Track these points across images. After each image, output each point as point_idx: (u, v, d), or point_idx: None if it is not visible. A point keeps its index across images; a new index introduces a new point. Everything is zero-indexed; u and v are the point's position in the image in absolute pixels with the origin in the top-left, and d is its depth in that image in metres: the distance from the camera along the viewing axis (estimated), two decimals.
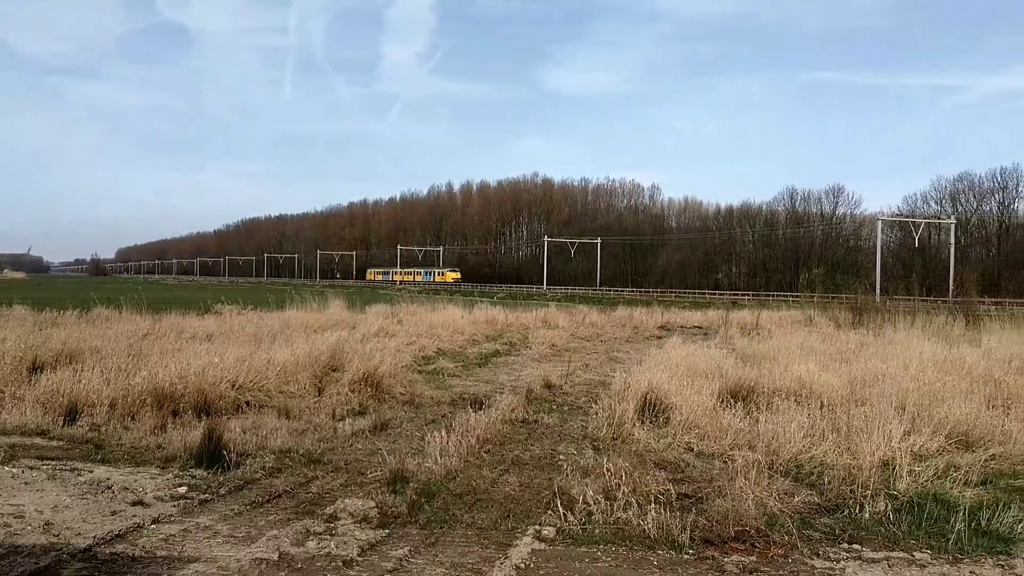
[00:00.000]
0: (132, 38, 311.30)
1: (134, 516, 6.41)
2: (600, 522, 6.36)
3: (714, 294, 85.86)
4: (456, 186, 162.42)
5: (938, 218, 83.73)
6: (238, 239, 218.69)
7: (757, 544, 5.98)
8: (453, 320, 27.44)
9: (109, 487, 7.24)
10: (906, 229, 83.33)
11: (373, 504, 6.69)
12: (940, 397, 10.74)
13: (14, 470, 7.76)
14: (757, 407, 10.73)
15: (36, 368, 12.57)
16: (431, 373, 15.95)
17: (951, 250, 74.31)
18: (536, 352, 21.36)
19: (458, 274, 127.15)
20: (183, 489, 7.20)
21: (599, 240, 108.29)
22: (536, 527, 6.32)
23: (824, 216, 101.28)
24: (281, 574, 5.30)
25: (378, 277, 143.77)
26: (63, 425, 9.70)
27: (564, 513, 6.48)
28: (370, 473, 7.82)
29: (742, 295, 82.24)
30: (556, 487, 7.14)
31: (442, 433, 8.70)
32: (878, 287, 56.13)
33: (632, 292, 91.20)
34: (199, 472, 7.79)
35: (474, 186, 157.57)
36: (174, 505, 6.77)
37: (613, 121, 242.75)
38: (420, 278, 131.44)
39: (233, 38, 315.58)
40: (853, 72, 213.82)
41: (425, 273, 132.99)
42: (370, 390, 12.41)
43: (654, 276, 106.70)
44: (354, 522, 6.35)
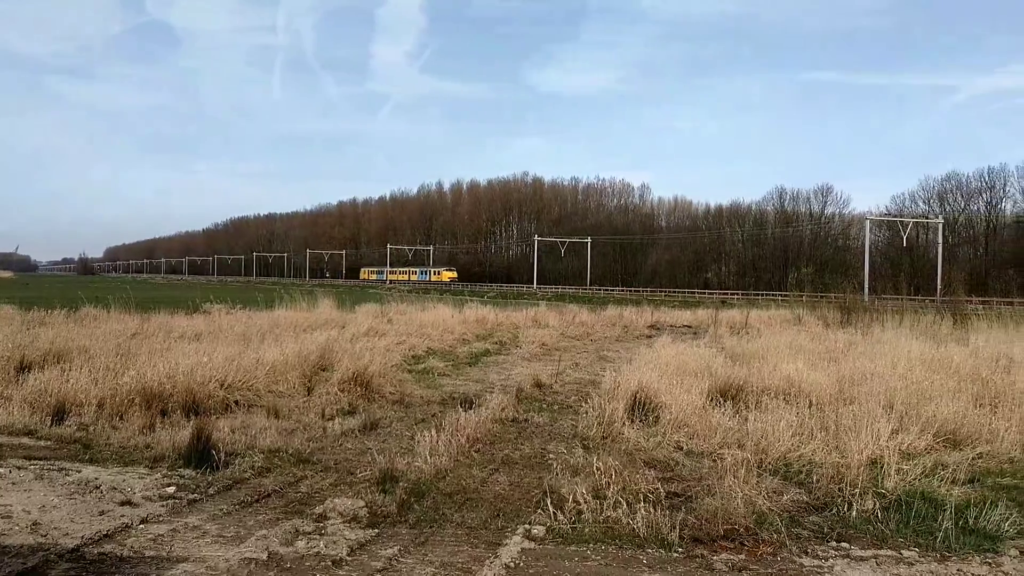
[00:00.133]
0: (120, 38, 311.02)
1: (122, 516, 6.38)
2: (590, 521, 6.37)
3: (703, 293, 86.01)
4: (446, 185, 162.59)
5: (926, 218, 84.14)
6: (227, 238, 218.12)
7: (746, 542, 5.99)
8: (443, 319, 27.40)
9: (97, 487, 7.20)
10: (894, 229, 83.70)
11: (363, 504, 6.68)
12: (928, 396, 10.78)
13: (1, 470, 7.72)
14: (746, 406, 10.76)
15: (23, 368, 12.52)
16: (421, 372, 15.93)
17: (939, 249, 74.69)
18: (526, 351, 21.36)
19: (454, 273, 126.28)
20: (171, 489, 7.17)
21: (589, 239, 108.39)
22: (526, 526, 6.33)
23: (813, 216, 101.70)
24: (270, 574, 5.28)
25: (372, 276, 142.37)
26: (51, 425, 9.65)
27: (554, 512, 6.49)
28: (360, 473, 7.81)
29: (731, 294, 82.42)
30: (546, 486, 7.15)
31: (432, 432, 8.69)
32: (866, 286, 56.33)
33: (622, 291, 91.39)
34: (188, 472, 7.76)
35: (464, 185, 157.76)
36: (162, 505, 6.74)
37: (603, 121, 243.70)
38: (416, 277, 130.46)
39: (221, 37, 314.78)
40: (841, 72, 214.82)
41: (421, 272, 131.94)
42: (360, 389, 12.38)
43: (644, 275, 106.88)
44: (343, 522, 6.34)
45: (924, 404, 10.24)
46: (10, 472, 7.67)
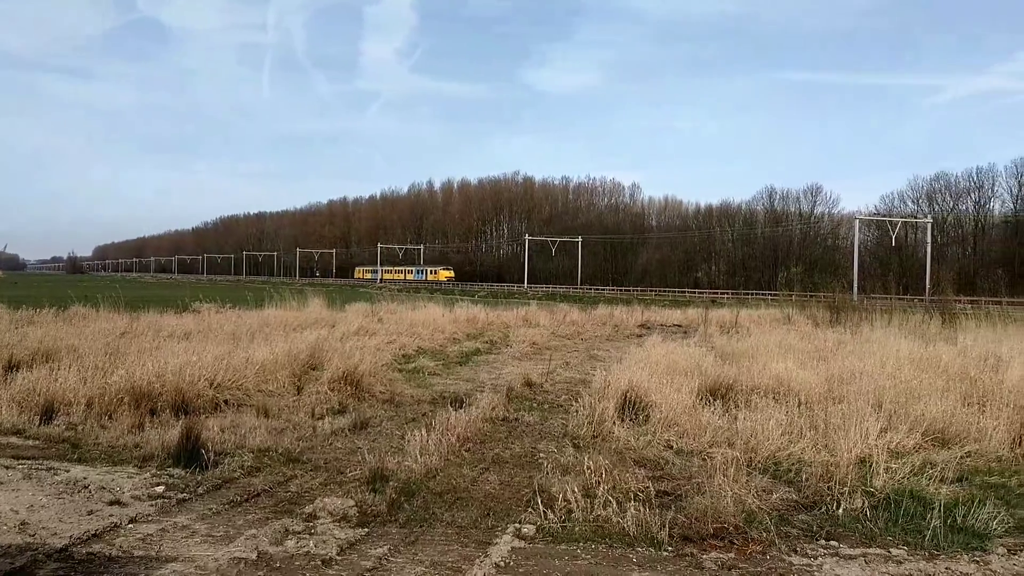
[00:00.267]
0: (108, 35, 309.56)
1: (111, 516, 6.35)
2: (580, 520, 6.37)
3: (694, 292, 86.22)
4: (437, 184, 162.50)
5: (915, 217, 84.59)
6: (216, 237, 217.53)
7: (736, 541, 6.01)
8: (434, 319, 27.37)
9: (86, 486, 7.17)
10: (883, 228, 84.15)
11: (352, 503, 6.67)
12: (916, 395, 10.82)
13: None
14: (736, 405, 10.78)
15: (12, 367, 12.47)
16: (411, 372, 15.91)
17: (927, 249, 75.08)
18: (517, 350, 21.36)
19: (451, 272, 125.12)
20: (161, 488, 7.15)
21: (580, 239, 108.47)
22: (516, 525, 6.33)
23: (802, 215, 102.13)
24: (260, 573, 5.27)
25: (367, 275, 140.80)
26: (39, 424, 9.61)
27: (544, 511, 6.49)
28: (349, 472, 7.80)
29: (721, 293, 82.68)
30: (536, 485, 7.15)
31: (422, 432, 8.68)
32: (856, 285, 56.48)
33: (613, 290, 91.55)
34: (177, 471, 7.73)
35: (455, 184, 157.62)
36: (152, 504, 6.72)
37: (593, 121, 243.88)
38: (412, 276, 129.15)
39: (211, 35, 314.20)
40: (830, 72, 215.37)
41: (417, 271, 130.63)
42: (350, 389, 12.36)
43: (634, 274, 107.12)
44: (333, 521, 6.32)
45: (913, 403, 10.27)
46: None
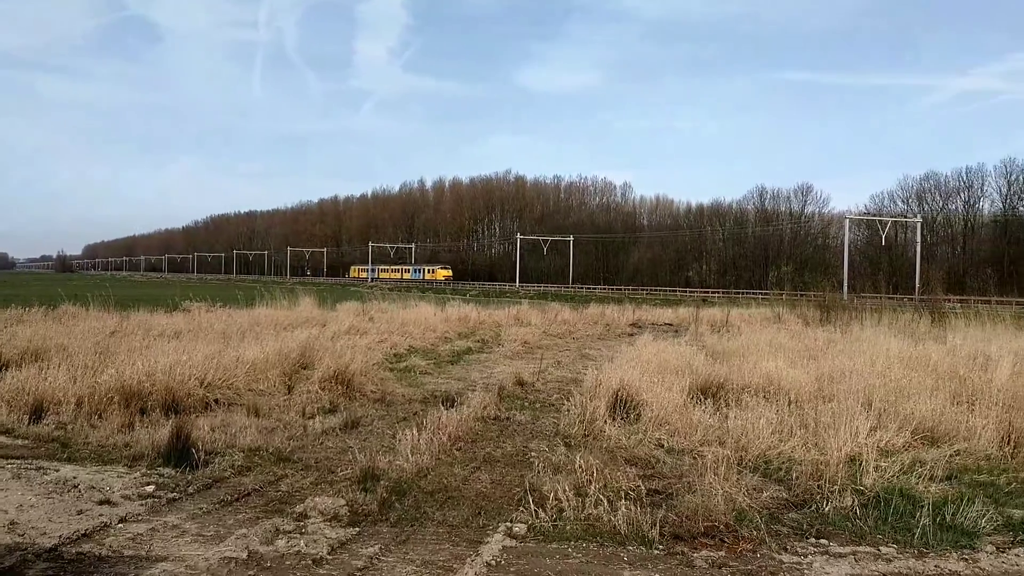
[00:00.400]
0: (97, 33, 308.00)
1: (101, 515, 6.33)
2: (571, 519, 6.38)
3: (685, 292, 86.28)
4: (428, 183, 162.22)
5: (905, 217, 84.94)
6: (207, 236, 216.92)
7: (726, 539, 6.02)
8: (425, 317, 27.31)
9: (75, 486, 7.14)
10: (873, 227, 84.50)
11: (343, 502, 6.66)
12: (906, 393, 10.86)
13: None
14: (726, 403, 10.80)
15: (1, 366, 12.42)
16: (403, 371, 15.90)
17: (917, 248, 75.40)
18: (508, 349, 21.36)
19: (449, 271, 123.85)
20: (151, 488, 7.12)
21: (571, 238, 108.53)
22: (508, 524, 6.33)
23: (793, 214, 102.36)
24: (250, 573, 5.26)
25: (363, 274, 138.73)
26: (28, 423, 9.56)
27: (535, 510, 6.49)
28: (340, 471, 7.79)
29: (712, 292, 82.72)
30: (528, 484, 7.15)
31: (413, 431, 8.68)
32: (846, 285, 56.75)
33: (604, 289, 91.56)
34: (167, 471, 7.71)
35: (447, 183, 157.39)
36: (142, 504, 6.70)
37: (585, 120, 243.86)
38: (409, 275, 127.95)
39: (202, 33, 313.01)
40: (820, 73, 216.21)
41: (414, 270, 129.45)
42: (341, 388, 12.34)
43: (626, 273, 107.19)
44: (324, 520, 6.31)
45: (902, 402, 10.31)
46: None
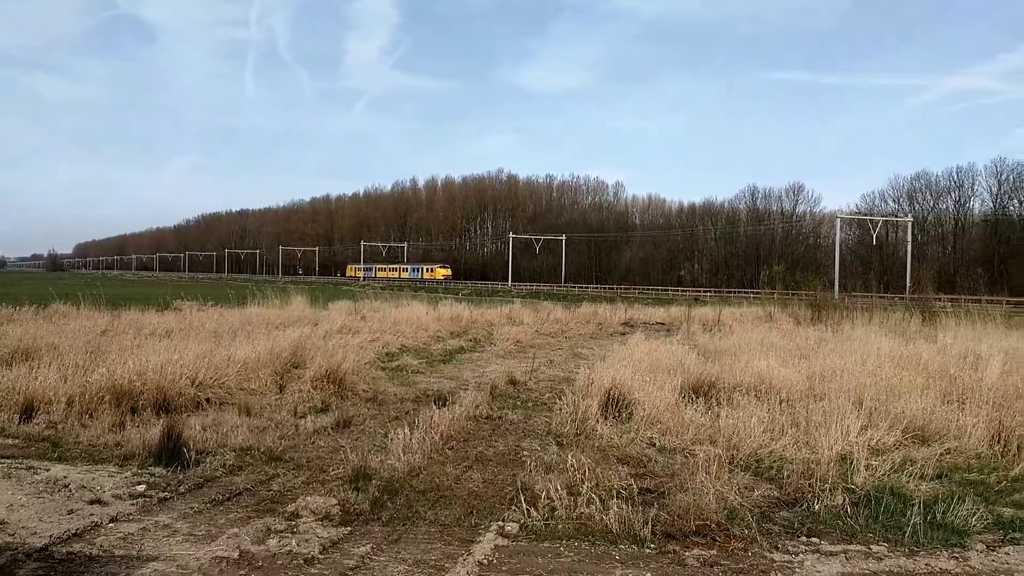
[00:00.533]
0: (90, 31, 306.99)
1: (91, 515, 6.31)
2: (563, 517, 6.38)
3: (677, 291, 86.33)
4: (421, 182, 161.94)
5: (896, 216, 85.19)
6: (198, 234, 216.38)
7: (717, 538, 6.04)
8: (417, 316, 27.30)
9: (66, 485, 7.12)
10: (864, 227, 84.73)
11: (335, 502, 6.66)
12: (897, 392, 10.90)
13: None
14: (718, 402, 10.82)
15: None
16: (395, 370, 15.88)
17: (908, 247, 75.57)
18: (501, 349, 21.35)
19: (448, 270, 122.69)
20: (142, 487, 7.10)
21: (564, 237, 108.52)
22: (499, 523, 6.33)
23: (784, 214, 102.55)
24: (241, 572, 5.25)
25: (360, 273, 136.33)
26: (19, 423, 9.53)
27: (527, 509, 6.50)
28: (332, 470, 7.78)
29: (704, 292, 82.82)
30: (520, 483, 7.16)
31: (405, 430, 8.68)
32: (837, 284, 56.93)
33: (596, 288, 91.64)
34: (158, 470, 7.69)
35: (439, 182, 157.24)
36: (133, 503, 6.68)
37: (577, 119, 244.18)
38: (407, 274, 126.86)
39: (193, 31, 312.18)
40: (813, 72, 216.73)
41: (412, 269, 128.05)
42: (333, 387, 12.32)
43: (618, 273, 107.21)
44: (316, 520, 6.31)
45: (893, 400, 10.35)
46: None
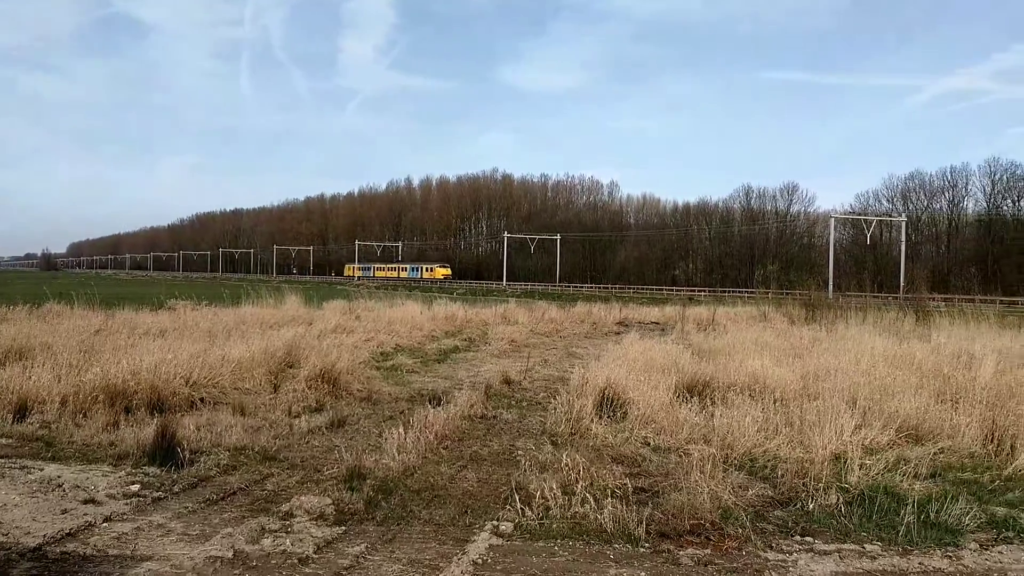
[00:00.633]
0: (84, 30, 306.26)
1: (85, 514, 6.30)
2: (558, 517, 6.39)
3: (671, 290, 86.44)
4: (416, 181, 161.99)
5: (890, 216, 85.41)
6: (192, 234, 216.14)
7: (712, 537, 6.05)
8: (412, 316, 27.24)
9: (60, 485, 7.10)
10: (858, 227, 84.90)
11: (329, 501, 6.65)
12: (890, 392, 10.91)
13: None
14: (712, 402, 10.81)
15: None
16: (389, 369, 15.87)
17: (902, 247, 75.77)
18: (495, 348, 21.34)
19: (448, 270, 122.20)
20: (136, 487, 7.09)
21: (559, 236, 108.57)
22: (494, 523, 6.34)
23: (779, 213, 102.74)
24: (236, 572, 5.25)
25: (358, 272, 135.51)
26: (12, 422, 9.50)
27: (522, 508, 6.50)
28: (327, 470, 7.78)
29: (699, 291, 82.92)
30: (514, 482, 7.16)
31: (400, 429, 8.68)
32: (831, 283, 57.07)
33: (591, 288, 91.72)
34: (152, 470, 7.68)
35: (433, 181, 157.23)
36: (127, 503, 6.67)
37: (572, 118, 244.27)
38: (405, 274, 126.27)
39: (188, 30, 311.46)
40: (807, 72, 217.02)
41: (411, 269, 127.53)
42: (327, 387, 12.30)
43: (613, 272, 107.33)
44: (310, 519, 6.30)
45: (887, 400, 10.37)
46: None
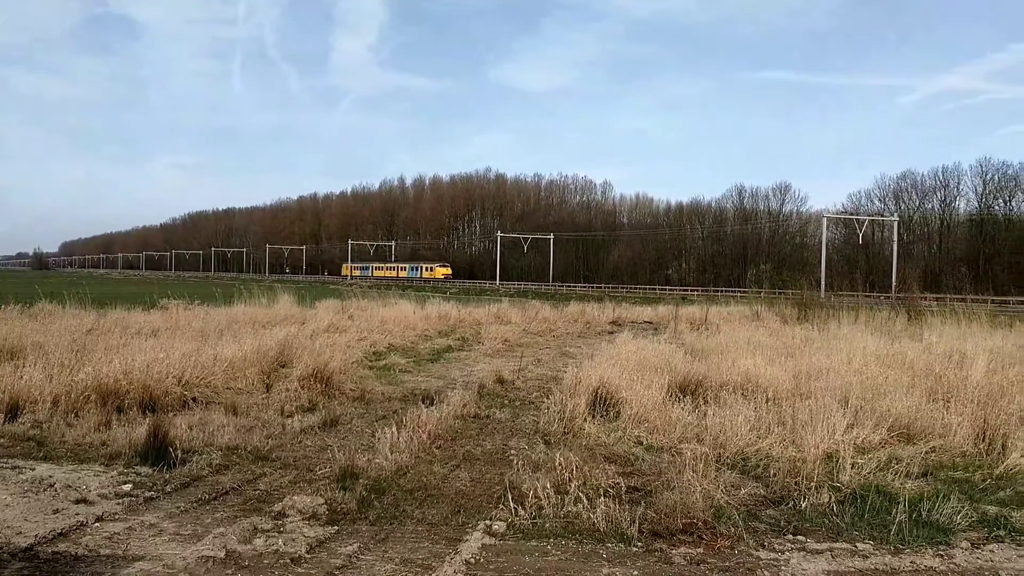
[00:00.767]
0: (77, 29, 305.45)
1: (77, 514, 6.28)
2: (551, 516, 6.39)
3: (664, 290, 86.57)
4: (408, 180, 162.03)
5: (882, 215, 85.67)
6: (184, 233, 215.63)
7: (704, 536, 6.05)
8: (405, 315, 27.26)
9: (52, 485, 7.08)
10: (850, 226, 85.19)
11: (322, 501, 6.64)
12: (882, 391, 10.95)
13: None
14: (705, 401, 10.84)
15: None
16: (382, 369, 15.86)
17: (894, 247, 76.06)
18: (489, 347, 21.33)
19: (448, 269, 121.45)
20: (128, 487, 7.07)
21: (552, 236, 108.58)
22: (487, 522, 6.33)
23: (771, 213, 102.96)
24: (228, 572, 5.24)
25: (356, 272, 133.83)
26: (3, 422, 9.45)
27: (515, 508, 6.50)
28: (319, 470, 7.76)
29: (692, 291, 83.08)
30: (507, 482, 7.15)
31: (393, 429, 8.66)
32: (823, 283, 57.09)
33: (584, 288, 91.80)
34: (144, 469, 7.65)
35: (426, 180, 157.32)
36: (119, 503, 6.65)
37: (565, 118, 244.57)
38: (405, 273, 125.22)
39: (180, 29, 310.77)
40: (800, 72, 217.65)
41: (411, 268, 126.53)
42: (320, 386, 12.28)
43: (606, 272, 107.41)
44: (303, 519, 6.29)
45: (879, 399, 10.40)
46: None
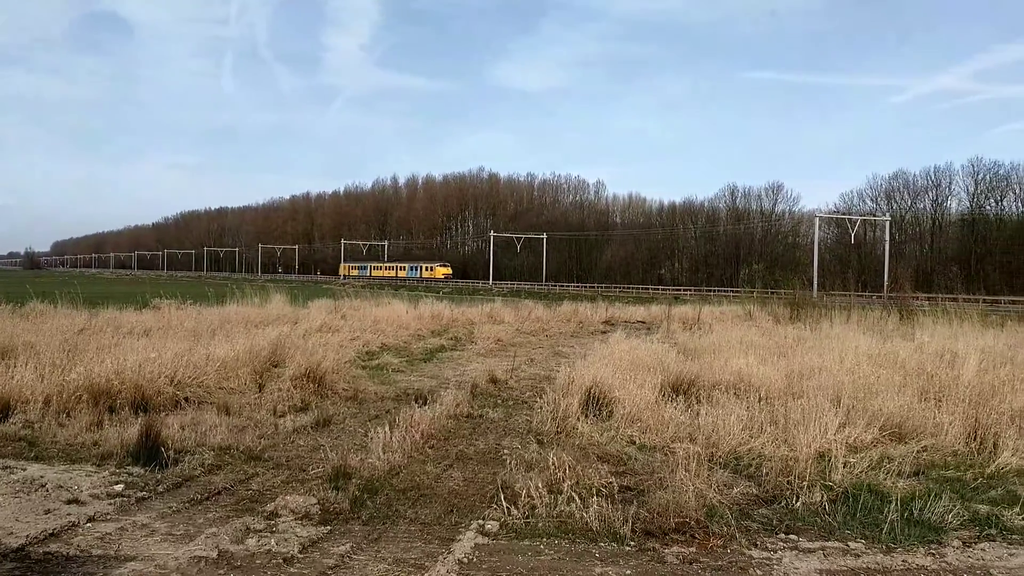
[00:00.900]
0: (69, 27, 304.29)
1: (69, 515, 6.26)
2: (543, 515, 6.39)
3: (657, 289, 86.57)
4: (402, 180, 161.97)
5: (874, 215, 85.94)
6: (177, 232, 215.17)
7: (697, 535, 6.06)
8: (398, 315, 27.22)
9: (43, 485, 7.06)
10: (843, 226, 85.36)
11: (315, 501, 6.63)
12: (874, 390, 10.97)
13: None
14: (698, 400, 10.85)
15: None
16: (375, 368, 15.84)
17: (886, 246, 76.27)
18: (482, 347, 21.32)
19: (449, 269, 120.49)
20: (120, 487, 7.05)
21: (545, 236, 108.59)
22: (480, 521, 6.33)
23: (764, 213, 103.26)
24: (220, 572, 5.22)
25: (354, 272, 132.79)
26: None
27: (508, 507, 6.50)
28: (312, 470, 7.76)
29: (684, 290, 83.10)
30: (500, 481, 7.16)
31: (386, 429, 8.65)
32: (815, 282, 57.13)
33: (577, 287, 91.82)
34: (136, 469, 7.63)
35: (419, 180, 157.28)
36: (110, 503, 6.63)
37: (559, 117, 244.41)
38: (404, 273, 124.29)
39: (172, 28, 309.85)
40: (794, 72, 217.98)
41: (411, 268, 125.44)
42: (312, 386, 12.25)
43: (599, 271, 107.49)
44: (295, 519, 6.28)
45: (871, 398, 10.42)
46: None
